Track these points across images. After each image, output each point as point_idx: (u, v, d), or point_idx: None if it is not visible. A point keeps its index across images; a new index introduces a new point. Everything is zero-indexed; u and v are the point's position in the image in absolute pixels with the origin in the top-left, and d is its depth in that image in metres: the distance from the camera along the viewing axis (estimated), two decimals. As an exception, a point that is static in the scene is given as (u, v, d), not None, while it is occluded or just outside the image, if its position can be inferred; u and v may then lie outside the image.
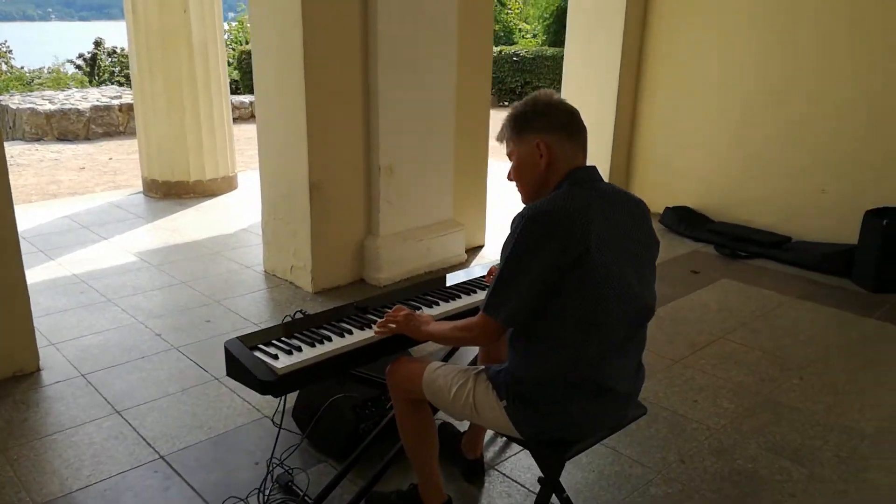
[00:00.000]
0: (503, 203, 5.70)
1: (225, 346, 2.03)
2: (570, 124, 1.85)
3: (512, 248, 1.75)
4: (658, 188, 6.08)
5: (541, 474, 2.02)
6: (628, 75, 6.02)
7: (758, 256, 5.16)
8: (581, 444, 1.92)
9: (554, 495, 2.07)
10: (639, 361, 1.98)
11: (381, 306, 2.30)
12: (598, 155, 6.08)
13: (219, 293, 4.26)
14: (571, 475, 2.59)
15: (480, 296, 2.43)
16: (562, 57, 6.62)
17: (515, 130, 1.88)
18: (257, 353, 2.00)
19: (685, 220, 5.67)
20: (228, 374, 2.07)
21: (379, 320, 2.16)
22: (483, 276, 2.58)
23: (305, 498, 2.36)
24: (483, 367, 2.03)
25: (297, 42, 3.88)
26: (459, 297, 2.43)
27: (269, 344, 2.05)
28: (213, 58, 6.39)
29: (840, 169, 5.05)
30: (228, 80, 6.88)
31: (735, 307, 4.23)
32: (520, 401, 1.85)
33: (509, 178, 1.97)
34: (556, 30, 15.77)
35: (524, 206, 1.83)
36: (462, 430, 2.64)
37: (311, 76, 3.94)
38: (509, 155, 1.93)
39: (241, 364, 1.96)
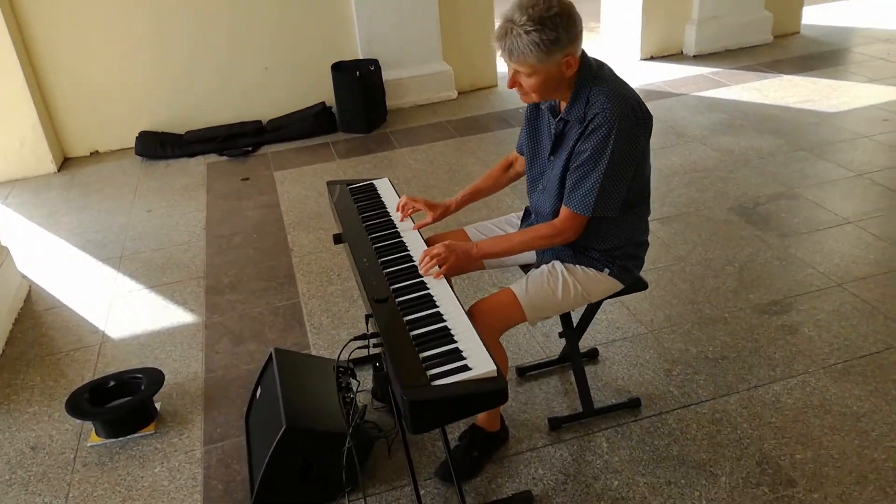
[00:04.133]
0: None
1: (408, 401, 1.56)
2: (581, 25, 1.86)
3: (613, 145, 1.86)
4: (110, 124, 5.45)
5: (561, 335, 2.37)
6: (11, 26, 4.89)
7: (259, 146, 5.41)
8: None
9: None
10: None
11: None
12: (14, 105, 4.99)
13: None
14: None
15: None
16: None
17: (546, 53, 1.81)
18: (444, 381, 1.62)
19: (167, 143, 5.36)
20: (419, 431, 1.66)
21: (420, 268, 2.02)
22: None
23: None
24: (554, 261, 2.16)
25: None
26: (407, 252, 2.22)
27: (436, 367, 1.66)
28: None
29: (271, 47, 5.56)
30: None
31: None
32: (621, 260, 2.16)
33: (510, 87, 1.95)
34: None
35: (603, 102, 1.87)
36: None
37: None
38: (528, 74, 1.87)
39: (452, 398, 1.60)
